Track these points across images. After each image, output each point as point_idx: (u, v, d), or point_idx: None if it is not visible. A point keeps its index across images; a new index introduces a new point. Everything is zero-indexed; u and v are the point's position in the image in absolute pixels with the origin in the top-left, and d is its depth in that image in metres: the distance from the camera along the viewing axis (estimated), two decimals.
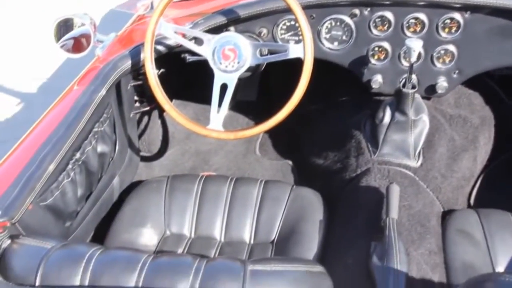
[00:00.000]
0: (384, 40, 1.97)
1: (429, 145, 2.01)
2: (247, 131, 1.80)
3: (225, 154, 2.46)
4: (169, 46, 1.92)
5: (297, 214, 1.84)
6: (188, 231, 1.87)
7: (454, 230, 1.78)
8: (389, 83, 2.02)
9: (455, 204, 2.00)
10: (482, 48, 1.93)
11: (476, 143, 2.15)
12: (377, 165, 1.94)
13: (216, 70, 1.79)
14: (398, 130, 1.95)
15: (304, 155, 2.30)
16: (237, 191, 1.92)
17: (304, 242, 1.75)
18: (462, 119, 2.16)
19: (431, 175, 1.95)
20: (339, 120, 2.22)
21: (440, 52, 1.96)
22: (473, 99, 2.26)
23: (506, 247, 1.72)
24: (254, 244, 1.84)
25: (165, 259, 1.18)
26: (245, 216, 1.87)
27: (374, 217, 1.74)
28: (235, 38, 1.78)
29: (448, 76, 2.00)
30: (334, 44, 2.02)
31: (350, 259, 1.65)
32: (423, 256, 1.67)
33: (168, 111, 1.80)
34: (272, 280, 1.15)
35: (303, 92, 1.75)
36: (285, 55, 1.76)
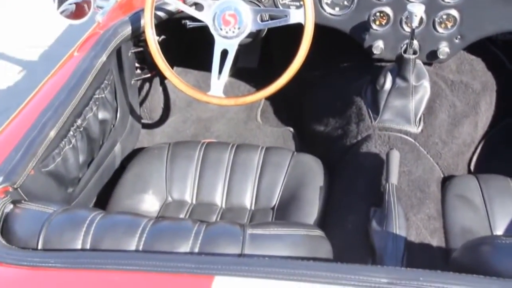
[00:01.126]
0: (385, 5, 1.95)
1: (430, 111, 2.01)
2: (247, 97, 1.80)
3: (227, 121, 2.47)
4: (170, 12, 1.90)
5: (297, 180, 1.85)
6: (189, 197, 1.89)
7: (454, 195, 1.80)
8: (390, 48, 2.01)
9: (455, 170, 2.01)
10: (484, 12, 1.91)
11: (477, 109, 2.14)
12: (377, 131, 1.94)
13: (216, 36, 1.78)
14: (399, 96, 1.95)
15: (305, 121, 2.30)
16: (238, 157, 1.92)
17: (304, 208, 1.77)
18: (464, 85, 2.15)
19: (432, 141, 1.96)
20: (340, 87, 2.21)
21: (442, 17, 1.94)
22: (475, 64, 2.24)
23: (505, 211, 1.73)
24: (255, 210, 1.86)
25: (165, 223, 1.19)
26: (246, 182, 1.88)
27: (374, 182, 1.75)
28: (235, 3, 1.76)
29: (450, 41, 1.98)
30: (336, 10, 2.01)
31: (350, 224, 1.67)
32: (422, 221, 1.68)
33: (169, 77, 1.80)
34: (271, 244, 1.16)
35: (303, 58, 1.74)
36: (286, 21, 1.74)
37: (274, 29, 1.84)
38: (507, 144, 2.23)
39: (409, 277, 0.95)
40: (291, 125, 2.42)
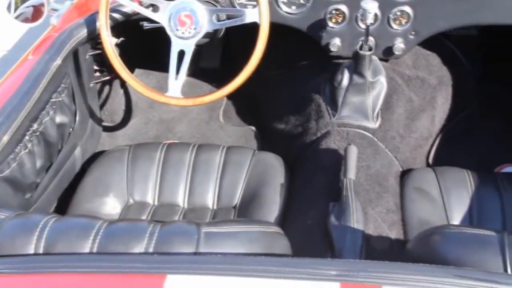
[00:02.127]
0: (341, 3, 1.98)
1: (387, 106, 2.04)
2: (206, 97, 1.80)
3: (189, 121, 2.47)
4: (126, 13, 1.90)
5: (259, 178, 1.87)
6: (151, 199, 1.88)
7: (412, 188, 1.83)
8: (347, 46, 2.04)
9: (413, 163, 2.04)
10: (437, 8, 1.95)
11: (434, 103, 2.19)
12: (336, 127, 1.97)
13: (173, 37, 1.78)
14: (356, 92, 1.97)
15: (267, 120, 2.32)
16: (200, 157, 1.93)
17: (265, 206, 1.78)
18: (420, 80, 2.19)
19: (390, 136, 1.99)
20: (299, 84, 2.23)
21: (396, 14, 1.98)
22: (431, 60, 2.29)
23: (461, 202, 1.77)
24: (217, 209, 1.87)
25: (120, 224, 1.19)
26: (208, 182, 1.89)
27: (333, 178, 1.77)
28: (191, 3, 1.77)
29: (404, 37, 2.02)
30: (292, 8, 2.03)
31: (309, 220, 1.69)
32: (381, 214, 1.71)
33: (126, 79, 1.79)
34: (226, 241, 1.17)
35: (260, 57, 1.76)
36: (241, 20, 1.76)
37: (235, 29, 1.85)
38: (464, 136, 2.29)
39: (357, 268, 0.97)
40: (253, 124, 2.43)
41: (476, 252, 1.12)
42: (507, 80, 2.53)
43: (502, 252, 1.09)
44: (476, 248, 1.13)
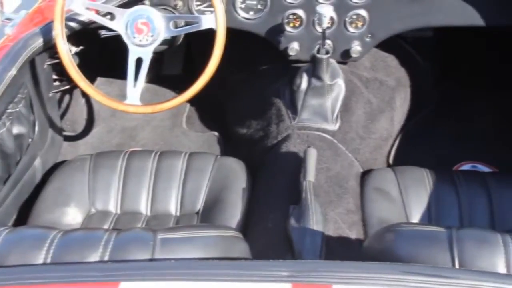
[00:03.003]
0: (298, 8, 2.01)
1: (346, 109, 2.07)
2: (165, 104, 1.81)
3: (152, 129, 2.46)
4: (83, 22, 1.89)
5: (221, 183, 1.88)
6: (113, 207, 1.88)
7: (372, 188, 1.86)
8: (305, 50, 2.06)
9: (374, 164, 2.08)
10: (391, 11, 2.00)
11: (393, 104, 2.23)
12: (296, 130, 1.99)
13: (130, 45, 1.78)
14: (315, 95, 2.00)
15: (229, 125, 2.33)
16: (162, 164, 1.93)
17: (227, 210, 1.79)
18: (378, 82, 2.23)
19: (349, 137, 2.02)
20: (260, 89, 2.25)
21: (352, 17, 2.02)
22: (389, 61, 2.33)
23: (420, 200, 1.81)
24: (180, 216, 1.87)
25: (75, 234, 1.19)
26: (170, 189, 1.89)
27: (293, 181, 1.79)
28: (147, 11, 1.77)
29: (361, 40, 2.06)
30: (250, 14, 2.05)
31: (270, 223, 1.70)
32: (341, 215, 1.74)
33: (84, 88, 1.79)
34: (182, 247, 1.18)
35: (217, 62, 1.77)
36: (198, 27, 1.77)
37: (196, 35, 1.86)
38: (422, 136, 2.33)
39: (308, 268, 0.99)
40: (216, 129, 2.44)
41: (426, 249, 1.15)
42: (463, 79, 2.60)
43: (450, 247, 1.12)
44: (426, 244, 1.16)
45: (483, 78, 2.63)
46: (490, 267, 1.09)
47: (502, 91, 2.55)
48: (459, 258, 1.11)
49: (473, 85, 2.58)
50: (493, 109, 2.49)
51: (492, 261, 1.10)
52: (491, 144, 2.29)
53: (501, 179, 1.88)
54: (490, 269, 1.08)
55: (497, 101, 2.52)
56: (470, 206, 1.80)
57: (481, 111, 2.48)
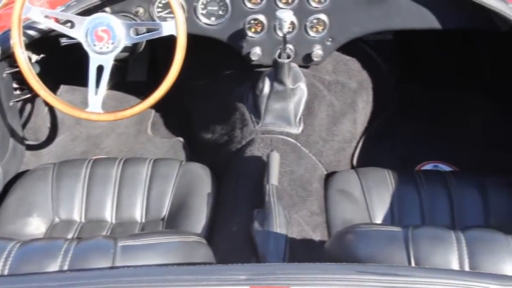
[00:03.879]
0: (259, 13, 2.03)
1: (309, 112, 2.09)
2: (127, 111, 1.81)
3: (117, 136, 2.45)
4: (42, 30, 1.88)
5: (186, 189, 1.88)
6: (78, 216, 1.86)
7: (335, 190, 1.88)
8: (267, 54, 2.08)
9: (337, 166, 2.10)
10: (350, 15, 2.03)
11: (355, 107, 2.26)
12: (260, 134, 2.01)
13: (90, 52, 1.78)
14: (278, 99, 2.02)
15: (194, 130, 2.34)
16: (126, 171, 1.93)
17: (192, 216, 1.80)
18: (341, 85, 2.26)
19: (313, 140, 2.04)
20: (224, 94, 2.26)
21: (313, 22, 2.04)
22: (351, 64, 2.36)
23: (382, 201, 1.84)
24: (145, 222, 1.87)
25: (34, 244, 1.18)
26: (135, 196, 1.89)
27: (257, 185, 1.80)
28: (107, 18, 1.77)
29: (322, 44, 2.09)
30: (211, 19, 2.06)
31: (235, 227, 1.71)
32: (304, 218, 1.75)
33: (44, 96, 1.77)
34: (143, 253, 1.18)
35: (178, 69, 1.78)
36: (159, 33, 1.77)
37: (159, 41, 1.86)
38: (385, 137, 2.37)
39: (266, 271, 1.00)
40: (182, 135, 2.44)
41: (384, 248, 1.18)
42: (424, 80, 2.65)
43: (406, 246, 1.15)
44: (383, 244, 1.19)
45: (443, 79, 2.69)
46: (444, 264, 1.12)
47: (462, 91, 2.62)
48: (414, 256, 1.14)
49: (434, 86, 2.64)
50: (454, 109, 2.54)
51: (446, 258, 1.13)
52: (452, 143, 2.34)
53: (461, 178, 1.92)
54: (444, 266, 1.11)
55: (458, 101, 2.58)
56: (431, 205, 1.84)
57: (442, 111, 2.54)
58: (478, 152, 2.30)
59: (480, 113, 2.52)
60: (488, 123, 2.44)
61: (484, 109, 2.53)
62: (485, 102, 2.56)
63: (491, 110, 2.49)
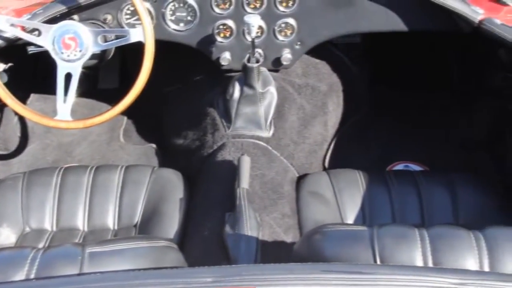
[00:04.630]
0: (227, 18, 2.04)
1: (279, 115, 2.11)
2: (96, 119, 1.80)
3: (89, 144, 2.44)
4: (8, 39, 1.86)
5: (158, 195, 1.88)
6: (49, 225, 1.85)
7: (307, 192, 1.90)
8: (237, 59, 2.09)
9: (309, 168, 2.12)
10: (318, 19, 2.05)
11: (325, 109, 2.28)
12: (231, 139, 2.02)
13: (58, 60, 1.78)
14: (248, 104, 2.03)
15: (166, 136, 2.34)
16: (98, 179, 1.92)
17: (165, 221, 1.80)
18: (311, 88, 2.28)
19: (284, 143, 2.06)
20: (195, 99, 2.27)
21: (281, 26, 2.06)
22: (321, 67, 2.39)
23: (353, 202, 1.86)
24: (118, 229, 1.86)
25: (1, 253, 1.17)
26: (107, 203, 1.89)
27: (229, 189, 1.81)
28: (74, 26, 1.77)
29: (291, 48, 2.11)
30: (180, 25, 2.06)
31: (207, 231, 1.72)
32: (276, 220, 1.77)
33: (11, 105, 1.76)
34: (111, 259, 1.18)
35: (147, 75, 1.78)
36: (127, 40, 1.78)
37: (130, 48, 1.86)
38: (357, 139, 2.40)
39: (231, 273, 1.01)
40: (154, 141, 2.44)
41: (350, 247, 1.19)
42: (394, 81, 2.69)
43: (372, 245, 1.17)
44: (349, 243, 1.20)
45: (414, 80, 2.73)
46: (408, 261, 1.14)
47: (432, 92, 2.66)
48: (380, 254, 1.15)
49: (405, 87, 2.68)
50: (424, 110, 2.58)
51: (410, 255, 1.15)
52: (423, 144, 2.38)
53: (431, 177, 1.95)
54: (408, 263, 1.13)
55: (428, 101, 2.62)
56: (402, 204, 1.86)
57: (412, 112, 2.58)
58: (447, 152, 2.34)
59: (449, 114, 2.56)
60: (456, 123, 2.49)
61: (453, 110, 2.58)
62: (454, 102, 2.61)
63: (458, 110, 2.54)
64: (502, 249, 1.14)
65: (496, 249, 1.14)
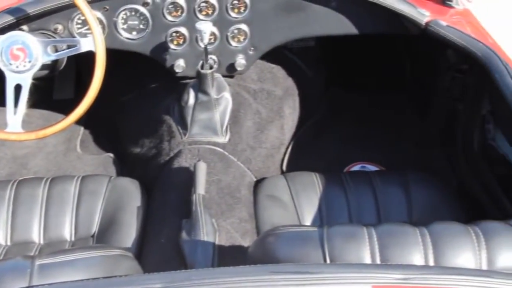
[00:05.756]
0: (180, 25, 2.05)
1: (235, 121, 2.13)
2: (48, 129, 1.79)
3: (45, 155, 2.40)
4: None
5: (115, 204, 1.87)
6: (3, 239, 1.82)
7: (264, 196, 1.92)
8: (191, 66, 2.10)
9: (266, 172, 2.14)
10: (270, 24, 2.08)
11: (282, 113, 2.31)
12: (187, 146, 2.02)
13: (6, 72, 1.76)
14: (203, 110, 2.04)
15: (124, 145, 2.32)
16: (53, 191, 1.90)
17: (123, 230, 1.79)
18: (266, 92, 2.31)
19: (240, 148, 2.07)
20: (151, 107, 2.27)
21: (234, 32, 2.08)
22: (276, 72, 2.41)
23: (311, 204, 1.88)
24: (75, 241, 1.84)
25: None
26: (64, 215, 1.87)
27: (186, 195, 1.82)
28: (22, 37, 1.75)
29: (245, 53, 2.13)
30: (133, 34, 2.06)
31: (164, 238, 1.71)
32: (233, 225, 1.78)
33: None
34: (62, 271, 1.17)
35: (99, 84, 1.77)
36: (77, 50, 1.77)
37: (84, 57, 1.84)
38: (314, 142, 2.43)
39: (181, 278, 1.01)
40: (112, 151, 2.42)
41: (301, 248, 1.21)
42: (349, 84, 2.73)
43: (322, 245, 1.19)
44: (299, 244, 1.22)
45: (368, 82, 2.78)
46: (357, 259, 1.16)
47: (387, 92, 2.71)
48: (329, 254, 1.17)
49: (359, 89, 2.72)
50: (379, 111, 2.63)
51: (359, 253, 1.17)
52: (378, 144, 2.42)
53: (385, 177, 1.99)
54: (356, 261, 1.15)
55: (383, 102, 2.67)
56: (358, 205, 1.90)
57: (368, 113, 2.62)
58: (402, 152, 2.39)
59: (404, 114, 2.62)
60: (411, 123, 2.54)
61: (408, 110, 2.64)
62: (407, 102, 2.67)
63: (411, 109, 2.60)
64: (446, 243, 1.17)
65: (440, 244, 1.17)
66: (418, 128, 2.50)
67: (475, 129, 2.04)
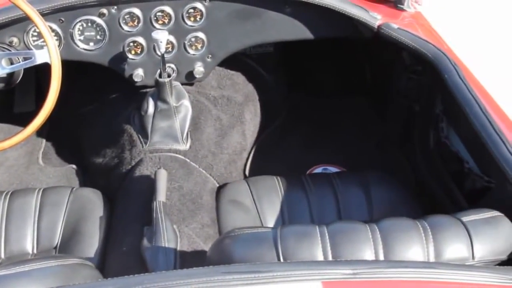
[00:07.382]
0: (137, 35, 2.06)
1: (195, 128, 2.14)
2: (5, 143, 1.78)
3: (6, 169, 2.39)
4: None
5: (77, 215, 1.87)
6: None
7: (227, 201, 1.94)
8: (150, 75, 2.12)
9: (229, 178, 2.16)
10: (226, 31, 2.11)
11: (243, 119, 2.33)
12: (148, 154, 2.03)
13: None
14: (163, 118, 2.05)
15: (86, 156, 2.32)
16: (14, 204, 1.89)
17: (85, 241, 1.80)
18: (226, 99, 2.33)
19: (201, 155, 2.09)
20: (111, 117, 2.27)
21: (191, 40, 2.10)
22: (235, 78, 2.44)
23: (273, 207, 1.91)
24: (37, 253, 1.83)
25: None
26: (25, 228, 1.86)
27: (147, 203, 1.83)
28: None
29: (203, 61, 2.15)
30: (90, 45, 2.06)
31: (126, 246, 1.72)
32: (195, 230, 1.79)
33: None
34: (18, 282, 1.17)
35: (55, 96, 1.77)
36: (32, 62, 1.76)
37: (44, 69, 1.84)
38: (276, 146, 2.46)
39: (134, 282, 1.02)
40: (74, 162, 2.41)
41: (256, 249, 1.24)
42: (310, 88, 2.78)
43: (275, 245, 1.21)
44: (254, 245, 1.25)
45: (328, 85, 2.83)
46: (309, 257, 1.19)
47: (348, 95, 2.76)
48: (283, 253, 1.20)
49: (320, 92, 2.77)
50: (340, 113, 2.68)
51: (311, 251, 1.20)
52: (339, 146, 2.47)
53: (346, 178, 2.03)
54: (309, 259, 1.18)
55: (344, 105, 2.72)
56: (320, 206, 1.93)
57: (329, 116, 2.67)
58: (363, 153, 2.44)
59: (364, 116, 2.67)
60: (371, 125, 2.60)
61: (368, 112, 2.69)
62: (368, 104, 2.72)
63: (373, 112, 2.65)
64: (394, 239, 1.21)
65: (389, 239, 1.21)
66: (379, 129, 2.56)
67: (430, 128, 2.09)
